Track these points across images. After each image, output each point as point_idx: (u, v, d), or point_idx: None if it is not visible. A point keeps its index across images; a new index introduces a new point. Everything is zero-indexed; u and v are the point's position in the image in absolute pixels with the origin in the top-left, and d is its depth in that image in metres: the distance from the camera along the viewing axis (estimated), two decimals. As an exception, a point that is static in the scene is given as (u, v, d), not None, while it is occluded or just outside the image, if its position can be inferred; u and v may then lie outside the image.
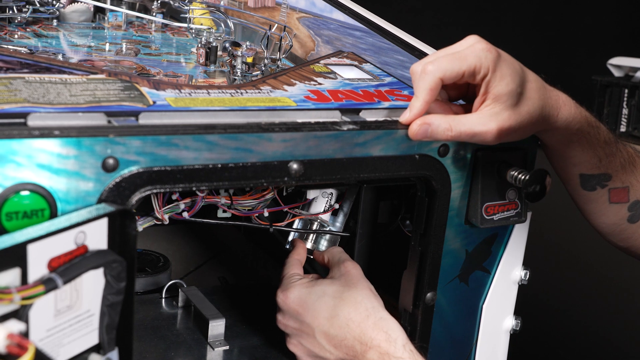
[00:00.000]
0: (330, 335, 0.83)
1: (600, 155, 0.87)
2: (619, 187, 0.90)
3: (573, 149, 0.86)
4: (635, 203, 0.91)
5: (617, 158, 0.89)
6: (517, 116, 0.78)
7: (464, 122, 0.77)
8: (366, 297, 0.84)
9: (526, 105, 0.78)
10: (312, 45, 1.15)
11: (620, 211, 0.91)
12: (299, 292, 0.86)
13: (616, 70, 2.15)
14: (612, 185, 0.90)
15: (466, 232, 0.88)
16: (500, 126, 0.77)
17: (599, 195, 0.90)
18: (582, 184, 0.90)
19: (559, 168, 0.90)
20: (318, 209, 0.97)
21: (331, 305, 0.83)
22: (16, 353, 0.54)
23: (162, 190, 0.68)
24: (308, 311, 0.84)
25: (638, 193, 0.91)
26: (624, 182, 0.90)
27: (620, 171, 0.89)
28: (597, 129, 0.86)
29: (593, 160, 0.87)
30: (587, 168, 0.88)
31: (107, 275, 0.65)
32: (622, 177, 0.90)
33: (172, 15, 1.36)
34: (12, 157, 0.61)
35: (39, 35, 1.12)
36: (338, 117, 0.78)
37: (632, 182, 0.91)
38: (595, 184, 0.89)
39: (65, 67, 0.81)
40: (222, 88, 0.82)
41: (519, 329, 0.96)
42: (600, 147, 0.87)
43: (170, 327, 0.99)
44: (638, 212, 0.92)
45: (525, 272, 0.94)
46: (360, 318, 0.82)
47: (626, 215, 0.92)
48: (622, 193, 0.90)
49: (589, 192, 0.90)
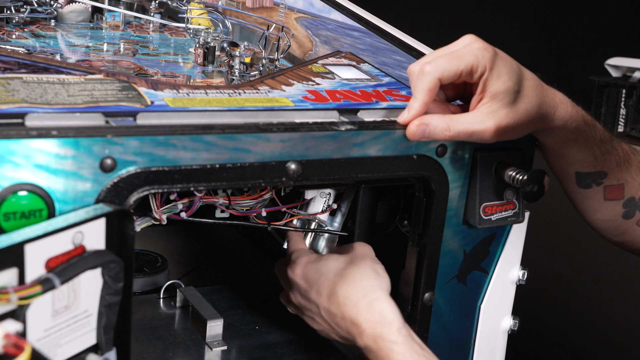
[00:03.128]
0: (331, 313, 0.82)
1: (596, 153, 0.87)
2: (614, 185, 0.90)
3: (570, 148, 0.86)
4: (630, 199, 0.92)
5: (613, 156, 0.89)
6: (514, 114, 0.78)
7: (462, 122, 0.77)
8: (365, 276, 0.83)
9: (523, 103, 0.78)
10: (310, 46, 1.15)
11: (615, 208, 0.92)
12: (304, 267, 0.86)
13: (614, 70, 2.15)
14: (608, 182, 0.90)
15: (464, 232, 0.88)
16: (498, 124, 0.77)
17: (594, 193, 0.91)
18: (577, 182, 0.90)
19: (555, 166, 0.90)
20: (316, 209, 0.97)
21: (332, 282, 0.83)
22: (12, 353, 0.54)
23: (160, 190, 0.68)
24: (312, 289, 0.85)
25: (633, 190, 0.91)
26: (619, 179, 0.90)
27: (615, 169, 0.90)
28: (594, 128, 0.86)
29: (589, 158, 0.87)
30: (583, 166, 0.88)
31: (104, 275, 0.65)
32: (617, 174, 0.90)
33: (170, 16, 1.36)
34: (10, 157, 0.61)
35: (37, 36, 1.12)
36: (336, 117, 0.78)
37: (627, 179, 0.91)
38: (590, 181, 0.89)
39: (63, 67, 0.81)
40: (220, 88, 0.82)
41: (517, 329, 0.96)
42: (596, 146, 0.87)
43: (168, 328, 0.99)
44: (633, 209, 0.92)
45: (523, 272, 0.94)
46: (357, 297, 0.81)
47: (621, 212, 0.92)
48: (617, 190, 0.90)
49: (585, 189, 0.90)
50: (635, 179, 0.91)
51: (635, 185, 0.91)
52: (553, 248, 2.06)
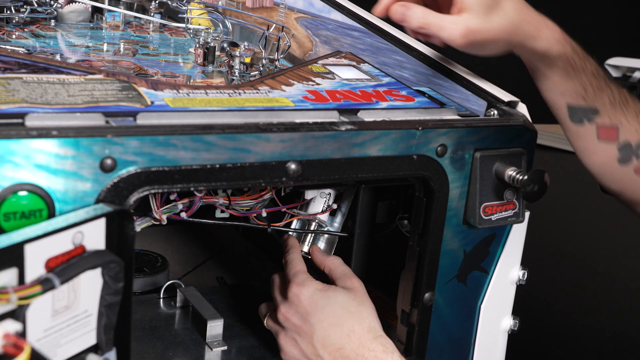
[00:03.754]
0: (328, 342, 0.84)
1: (586, 86, 0.89)
2: (607, 125, 0.92)
3: (557, 74, 0.89)
4: (626, 144, 0.93)
5: (606, 94, 0.91)
6: (486, 23, 0.83)
7: (435, 15, 0.84)
8: (371, 316, 0.86)
9: (498, 17, 0.83)
10: (310, 46, 1.15)
11: (609, 150, 0.93)
12: (313, 291, 0.86)
13: (614, 70, 2.15)
14: (600, 121, 0.91)
15: (464, 232, 0.88)
16: (467, 26, 0.82)
17: (588, 131, 0.92)
18: (570, 116, 0.92)
19: (547, 96, 0.92)
20: (316, 209, 0.97)
21: (339, 315, 0.85)
22: (12, 353, 0.54)
23: (160, 190, 0.68)
24: (316, 313, 0.85)
25: (629, 134, 0.92)
26: (612, 119, 0.91)
27: (609, 108, 0.91)
28: (584, 60, 0.89)
29: (579, 90, 0.90)
30: (574, 98, 0.90)
31: (104, 275, 0.65)
32: (610, 114, 0.91)
33: (170, 16, 1.36)
34: (10, 157, 0.61)
35: (37, 36, 1.12)
36: (336, 117, 0.78)
37: (622, 121, 0.92)
38: (582, 116, 0.91)
39: (63, 68, 0.81)
40: (220, 88, 0.82)
41: (517, 329, 0.96)
42: (587, 78, 0.89)
43: (168, 328, 0.99)
44: (629, 154, 0.93)
45: (523, 272, 0.94)
46: (362, 332, 0.84)
47: (616, 155, 0.93)
48: (611, 131, 0.92)
49: (578, 125, 0.92)
50: (631, 123, 0.92)
51: (631, 131, 0.92)
52: (553, 248, 2.06)
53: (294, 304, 0.87)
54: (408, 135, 0.80)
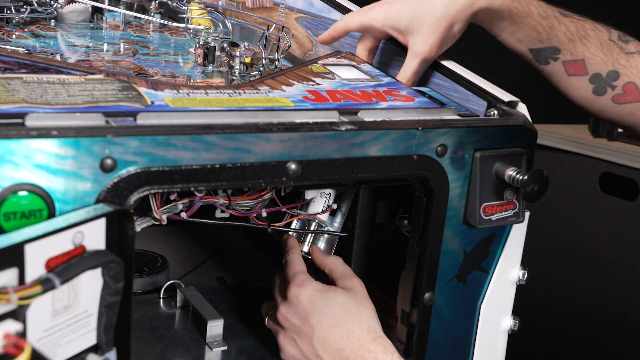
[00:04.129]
0: (327, 343, 0.84)
1: (537, 28, 0.95)
2: (571, 60, 0.96)
3: (508, 24, 0.95)
4: (596, 75, 0.96)
5: (560, 31, 0.95)
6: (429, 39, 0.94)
7: None
8: (371, 317, 0.86)
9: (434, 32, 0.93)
10: (310, 46, 1.15)
11: (582, 84, 0.97)
12: (312, 292, 0.86)
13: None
14: (564, 57, 0.96)
15: (464, 232, 0.88)
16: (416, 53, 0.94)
17: (556, 69, 0.97)
18: (536, 59, 0.98)
19: (511, 47, 0.98)
20: (316, 209, 0.97)
21: (338, 315, 0.85)
22: (12, 353, 0.54)
23: (160, 190, 0.68)
24: (315, 313, 0.85)
25: (597, 66, 0.96)
26: (574, 54, 0.96)
27: (567, 44, 0.95)
28: (528, 4, 0.95)
29: (532, 34, 0.95)
30: (531, 42, 0.96)
31: (105, 275, 0.65)
32: (571, 49, 0.96)
33: (170, 16, 1.37)
34: (10, 157, 0.61)
35: (37, 36, 1.12)
36: (336, 117, 0.78)
37: (585, 54, 0.96)
38: (545, 57, 0.96)
39: (63, 68, 0.81)
40: (220, 88, 0.82)
41: (517, 329, 0.96)
42: (535, 21, 0.94)
43: (169, 328, 0.99)
44: (602, 84, 0.97)
45: (524, 272, 0.94)
46: (362, 333, 0.84)
47: (590, 88, 0.97)
48: (577, 65, 0.96)
49: (546, 66, 0.97)
50: (596, 54, 0.96)
51: (598, 62, 0.96)
52: (553, 248, 2.06)
53: (293, 305, 0.87)
54: (408, 135, 0.80)
